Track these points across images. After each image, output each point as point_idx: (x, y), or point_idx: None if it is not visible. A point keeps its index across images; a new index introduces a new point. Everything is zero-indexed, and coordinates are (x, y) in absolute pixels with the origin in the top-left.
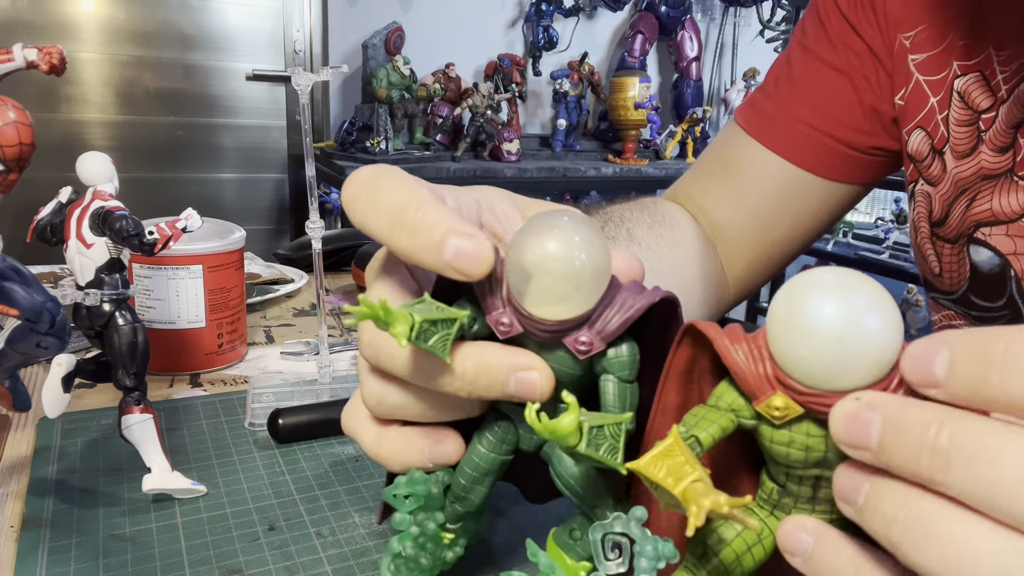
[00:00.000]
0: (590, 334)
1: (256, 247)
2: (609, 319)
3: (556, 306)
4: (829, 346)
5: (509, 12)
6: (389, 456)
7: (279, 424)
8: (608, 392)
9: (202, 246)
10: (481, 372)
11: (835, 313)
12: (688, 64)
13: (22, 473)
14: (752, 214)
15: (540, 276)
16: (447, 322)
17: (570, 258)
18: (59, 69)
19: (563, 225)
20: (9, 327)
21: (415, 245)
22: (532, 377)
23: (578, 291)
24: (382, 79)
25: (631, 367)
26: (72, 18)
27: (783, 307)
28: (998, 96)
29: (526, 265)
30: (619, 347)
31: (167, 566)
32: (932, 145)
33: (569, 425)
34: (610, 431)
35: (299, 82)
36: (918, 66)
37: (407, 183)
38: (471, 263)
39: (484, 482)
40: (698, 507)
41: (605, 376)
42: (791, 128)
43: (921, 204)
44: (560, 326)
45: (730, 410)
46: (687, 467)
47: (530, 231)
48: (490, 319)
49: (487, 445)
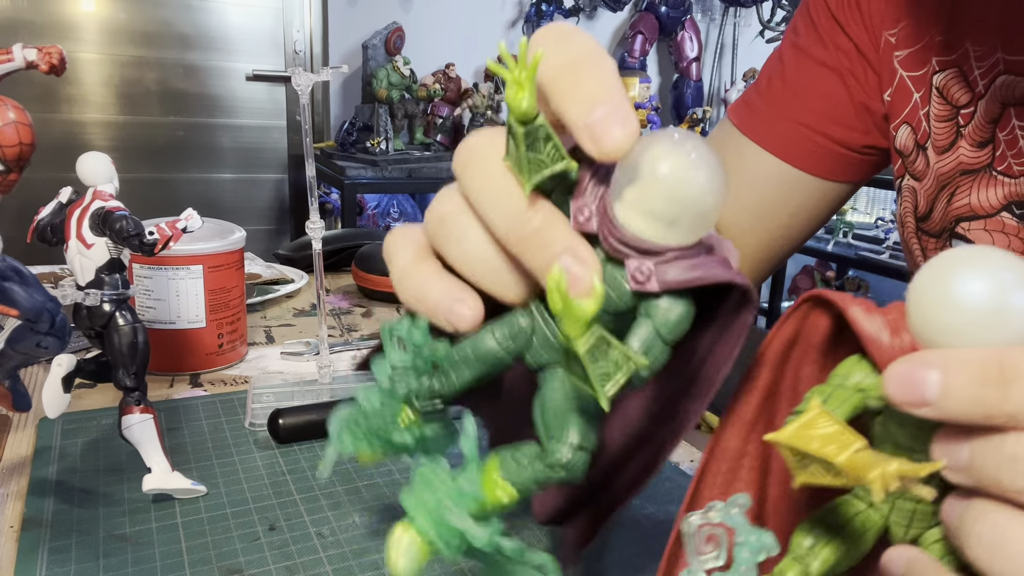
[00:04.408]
0: (653, 269)
1: (256, 247)
2: (680, 267)
3: (644, 220)
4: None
5: (509, 12)
6: (411, 284)
7: (279, 424)
8: (636, 334)
9: (202, 246)
10: (543, 230)
11: (984, 287)
12: (688, 64)
13: (22, 473)
14: (749, 214)
15: (648, 180)
16: (557, 154)
17: (688, 179)
18: (59, 69)
19: (702, 150)
20: (9, 327)
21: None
22: (581, 272)
23: (673, 219)
24: (382, 79)
25: (674, 328)
26: (72, 18)
27: (929, 280)
28: (976, 91)
29: (641, 164)
30: (675, 301)
31: (167, 566)
32: (916, 140)
33: (584, 309)
34: (616, 359)
35: (299, 82)
36: (901, 62)
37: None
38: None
39: (473, 367)
40: (883, 473)
41: (643, 320)
42: (785, 127)
43: (907, 199)
44: (634, 242)
45: (858, 390)
46: (846, 435)
47: (664, 135)
48: (574, 203)
49: (498, 334)
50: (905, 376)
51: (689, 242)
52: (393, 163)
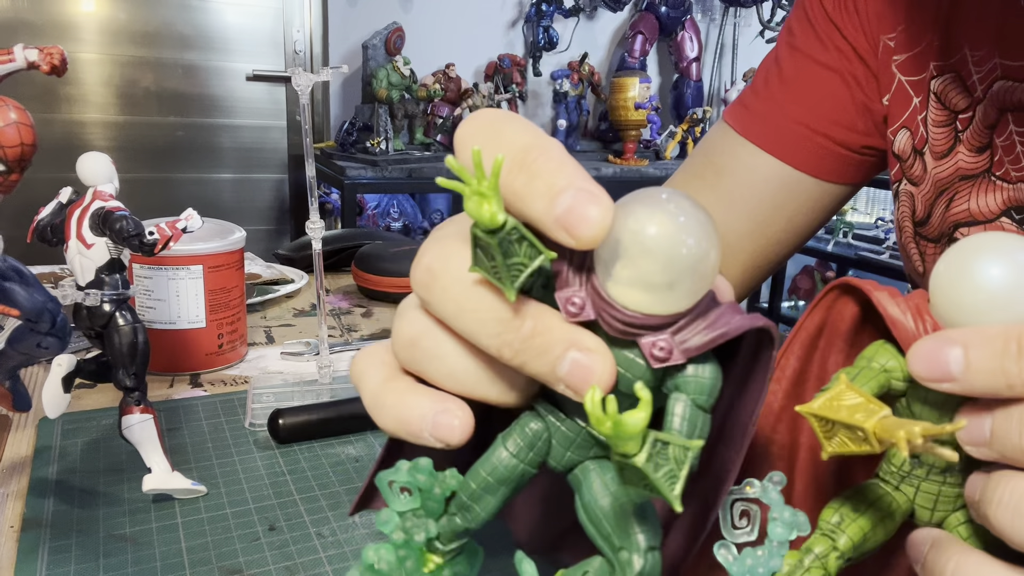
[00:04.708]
0: (672, 341)
1: (256, 247)
2: (697, 330)
3: (644, 294)
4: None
5: (509, 12)
6: (387, 407)
7: (279, 424)
8: (677, 414)
9: (202, 246)
10: (539, 333)
11: (1004, 272)
12: (688, 64)
13: (22, 473)
14: (748, 218)
15: (636, 254)
16: (533, 250)
17: (678, 243)
18: (60, 70)
19: (681, 204)
20: (10, 327)
21: (530, 190)
22: (592, 363)
23: (674, 284)
24: (382, 79)
25: (710, 392)
26: (72, 18)
27: (950, 265)
28: (974, 96)
29: (624, 238)
30: (702, 366)
31: (167, 566)
32: (913, 145)
33: (637, 424)
34: (675, 454)
35: (299, 82)
36: (899, 67)
37: (536, 128)
38: (584, 224)
39: (497, 492)
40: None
41: (676, 395)
42: (784, 127)
43: (905, 204)
44: (640, 320)
45: (883, 371)
46: (872, 404)
47: (640, 201)
48: (560, 296)
49: (512, 447)
50: (930, 353)
51: (696, 301)
52: (393, 163)
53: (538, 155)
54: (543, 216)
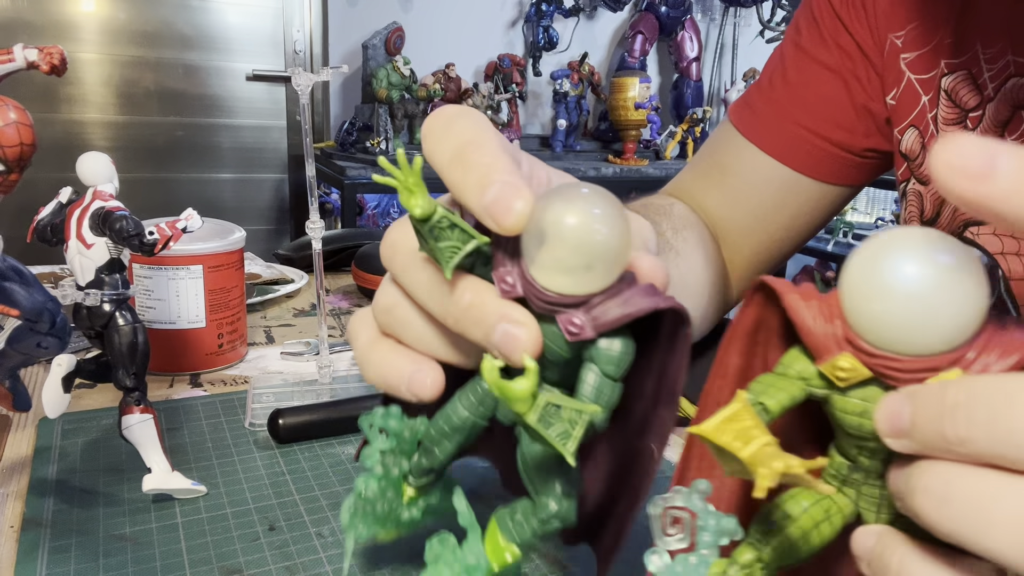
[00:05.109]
0: (585, 318)
1: (256, 247)
2: (608, 308)
3: (561, 277)
4: (906, 305)
5: (509, 12)
6: (372, 365)
7: (279, 424)
8: (586, 382)
9: (202, 246)
10: (475, 306)
11: (916, 271)
12: (688, 64)
13: (22, 473)
14: (750, 216)
15: (554, 242)
16: (465, 236)
17: (589, 231)
18: (60, 69)
19: (592, 197)
20: (9, 327)
21: (465, 182)
22: (519, 333)
23: (587, 268)
24: (382, 79)
25: (618, 364)
26: (72, 18)
27: (860, 263)
28: (985, 94)
29: (544, 227)
30: (612, 340)
31: (167, 566)
32: (923, 144)
33: (521, 390)
34: (568, 415)
35: (299, 82)
36: (909, 65)
37: (480, 124)
38: (506, 213)
39: (452, 439)
40: (768, 469)
41: (588, 365)
42: (785, 129)
43: (913, 203)
44: (559, 299)
45: (800, 378)
46: (755, 431)
47: (557, 195)
48: (496, 274)
49: (465, 403)
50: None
51: (609, 283)
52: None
53: (474, 150)
54: (474, 205)
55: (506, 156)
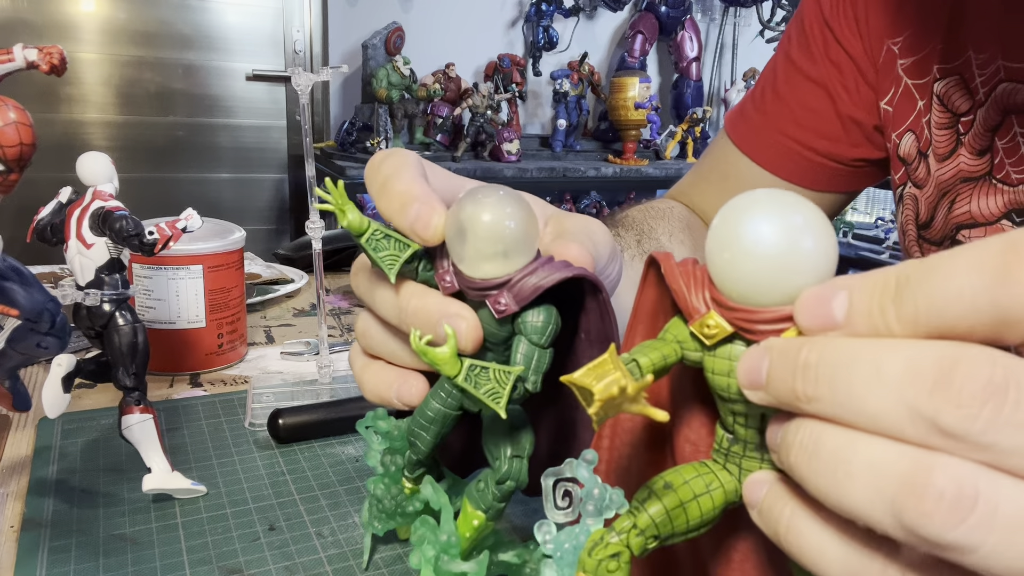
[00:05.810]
0: (508, 296)
1: (256, 247)
2: (526, 283)
3: (484, 264)
4: (760, 260)
5: (509, 12)
6: (366, 384)
7: (279, 424)
8: (517, 351)
9: (202, 246)
10: (420, 309)
11: (770, 229)
12: (688, 64)
13: (22, 473)
14: None
15: (472, 236)
16: (402, 244)
17: (499, 223)
18: (59, 69)
19: (498, 195)
20: (9, 327)
21: (391, 208)
22: (460, 324)
23: (503, 254)
24: (382, 79)
25: (543, 332)
26: (72, 18)
27: (720, 222)
28: (976, 99)
29: (462, 224)
30: (535, 311)
31: (167, 566)
32: (919, 148)
33: (444, 353)
34: (496, 375)
35: (299, 82)
36: (905, 70)
37: (400, 161)
38: (426, 228)
39: (430, 430)
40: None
41: (518, 337)
42: (775, 141)
43: (909, 207)
44: (484, 284)
45: (676, 341)
46: (613, 373)
47: (469, 197)
48: (437, 276)
49: (436, 398)
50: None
51: (523, 264)
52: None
53: (395, 182)
54: (401, 224)
55: (420, 182)
